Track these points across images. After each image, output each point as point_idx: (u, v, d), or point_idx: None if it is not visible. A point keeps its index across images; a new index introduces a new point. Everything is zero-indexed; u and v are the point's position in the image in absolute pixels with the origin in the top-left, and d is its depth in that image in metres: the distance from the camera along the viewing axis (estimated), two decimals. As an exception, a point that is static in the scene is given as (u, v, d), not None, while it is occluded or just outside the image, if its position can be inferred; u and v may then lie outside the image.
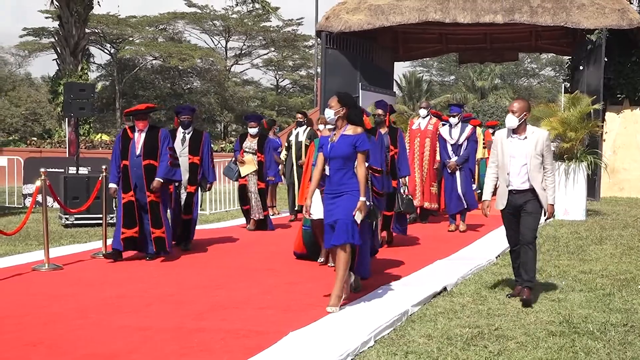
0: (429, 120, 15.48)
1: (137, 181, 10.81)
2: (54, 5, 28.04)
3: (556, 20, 23.36)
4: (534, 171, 8.27)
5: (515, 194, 8.35)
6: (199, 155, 12.20)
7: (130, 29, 58.15)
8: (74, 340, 6.65)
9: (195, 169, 12.19)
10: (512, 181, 8.35)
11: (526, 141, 8.33)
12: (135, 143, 10.86)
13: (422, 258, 11.11)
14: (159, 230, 10.88)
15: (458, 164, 14.32)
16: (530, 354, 6.32)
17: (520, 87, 68.77)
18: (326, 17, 24.71)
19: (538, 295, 8.60)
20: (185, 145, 12.17)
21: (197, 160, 12.18)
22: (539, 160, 8.29)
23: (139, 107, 11.15)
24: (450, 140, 14.46)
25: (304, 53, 63.02)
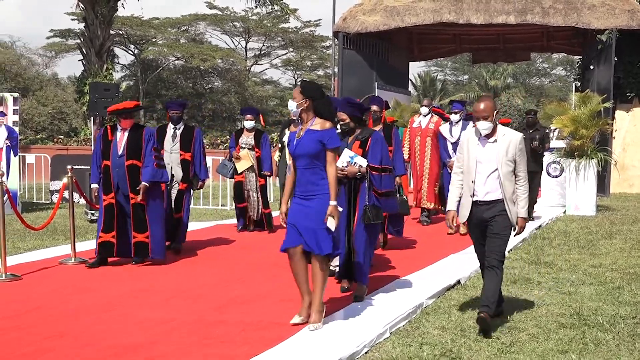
0: (430, 118, 14.48)
1: (119, 182, 9.94)
2: (79, 8, 28.12)
3: (567, 21, 23.28)
4: (505, 180, 6.88)
5: (481, 205, 6.94)
6: (191, 151, 11.36)
7: (153, 30, 58.28)
8: (99, 332, 6.69)
9: (187, 166, 11.35)
10: (477, 191, 6.95)
11: (496, 145, 6.93)
12: (117, 142, 10.00)
13: (437, 252, 11.09)
14: (141, 235, 10.00)
15: None
16: (542, 345, 6.31)
17: (532, 86, 68.58)
18: (343, 19, 24.71)
19: (542, 294, 8.57)
20: (177, 142, 11.38)
21: (189, 157, 11.35)
22: (511, 167, 6.90)
23: (127, 104, 10.35)
24: (451, 138, 13.50)
25: (321, 53, 62.99)
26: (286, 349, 6.09)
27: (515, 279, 9.16)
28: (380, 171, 7.97)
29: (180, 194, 11.37)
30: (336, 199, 6.70)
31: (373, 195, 7.90)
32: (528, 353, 6.10)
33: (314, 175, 6.76)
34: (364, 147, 7.93)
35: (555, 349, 6.20)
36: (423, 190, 14.48)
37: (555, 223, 15.16)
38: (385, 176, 8.04)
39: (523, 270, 9.72)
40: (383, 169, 8.01)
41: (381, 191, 7.98)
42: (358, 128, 8.04)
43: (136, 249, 10.02)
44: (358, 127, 8.05)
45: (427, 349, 6.17)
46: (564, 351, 6.15)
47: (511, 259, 10.68)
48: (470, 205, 7.01)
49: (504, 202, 6.91)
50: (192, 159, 11.39)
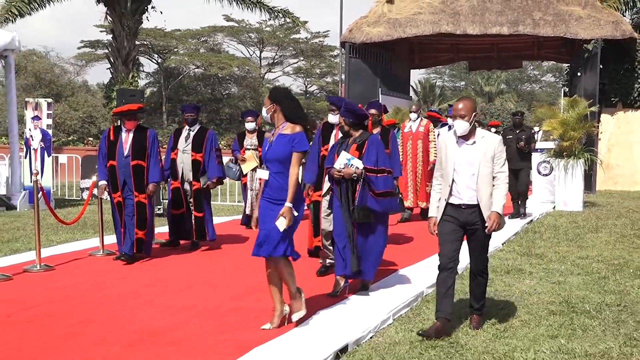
0: (420, 122, 14.49)
1: (126, 179, 9.73)
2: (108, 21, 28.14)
3: (556, 31, 23.22)
4: (482, 182, 6.26)
5: (465, 209, 6.32)
6: (202, 152, 10.88)
7: (175, 41, 58.33)
8: (125, 318, 6.70)
9: (198, 166, 10.89)
10: (461, 194, 6.32)
11: (475, 147, 6.32)
12: (122, 143, 9.76)
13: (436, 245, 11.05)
14: (142, 232, 9.79)
15: None
16: (533, 331, 6.29)
17: (524, 92, 68.49)
18: (349, 30, 24.70)
19: (534, 283, 8.56)
20: (189, 142, 10.95)
21: (200, 157, 10.87)
22: (489, 169, 6.28)
23: (131, 106, 9.99)
24: None
25: (329, 62, 62.94)
26: (297, 335, 6.10)
27: (508, 269, 9.14)
28: (375, 172, 7.59)
29: (198, 193, 10.92)
30: (292, 202, 6.18)
31: (369, 195, 7.54)
32: (520, 338, 6.09)
33: (286, 180, 6.28)
34: (360, 150, 7.64)
35: (546, 334, 6.19)
36: (417, 190, 14.38)
37: (545, 218, 15.13)
38: (381, 177, 7.60)
39: (516, 262, 9.69)
40: (379, 170, 7.61)
41: (378, 191, 7.56)
42: (356, 132, 7.75)
43: (137, 244, 9.76)
44: (356, 131, 7.76)
45: (428, 334, 6.15)
46: (554, 336, 6.13)
47: (505, 250, 10.67)
48: (444, 208, 6.39)
49: (480, 206, 6.26)
50: (204, 159, 10.97)
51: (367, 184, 7.55)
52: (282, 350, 5.64)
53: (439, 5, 24.14)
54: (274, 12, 30.55)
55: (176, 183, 10.92)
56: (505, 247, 10.99)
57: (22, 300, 7.48)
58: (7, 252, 10.52)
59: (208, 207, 11.08)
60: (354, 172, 7.48)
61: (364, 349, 5.82)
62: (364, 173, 7.52)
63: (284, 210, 6.17)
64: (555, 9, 23.51)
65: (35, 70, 52.80)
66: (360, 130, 7.75)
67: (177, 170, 10.91)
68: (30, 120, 17.05)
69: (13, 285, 8.19)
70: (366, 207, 7.50)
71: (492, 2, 23.95)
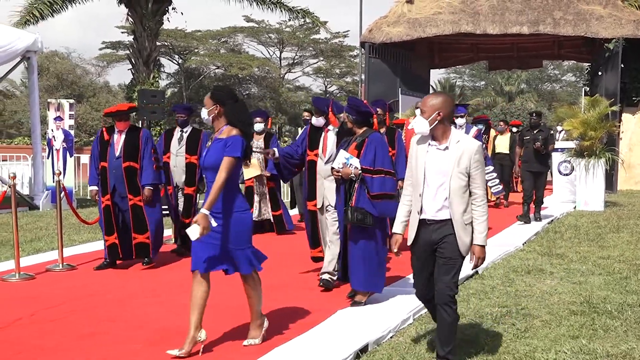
0: None
1: (116, 183, 9.21)
2: (129, 22, 28.25)
3: (577, 30, 23.10)
4: (455, 196, 5.18)
5: (429, 224, 5.28)
6: (197, 154, 10.25)
7: (195, 41, 58.51)
8: (147, 316, 6.73)
9: (193, 169, 10.35)
10: (425, 207, 5.28)
11: (447, 153, 5.22)
12: (114, 144, 9.26)
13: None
14: (142, 236, 9.28)
15: None
16: (554, 331, 6.26)
17: (544, 91, 68.11)
18: (369, 30, 24.69)
19: (555, 283, 8.51)
20: (182, 145, 10.47)
21: (195, 160, 10.30)
22: (463, 182, 5.17)
23: (121, 107, 9.45)
24: None
25: (349, 62, 62.87)
26: (318, 333, 6.10)
27: (529, 269, 9.09)
28: (372, 173, 7.06)
29: (189, 198, 10.40)
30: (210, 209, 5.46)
31: (365, 197, 7.03)
32: (541, 338, 6.06)
33: (226, 190, 5.59)
34: (360, 149, 7.18)
35: (567, 335, 6.15)
36: None
37: (566, 218, 15.05)
38: (378, 178, 7.06)
39: (536, 262, 9.65)
40: (376, 171, 7.07)
41: (373, 193, 7.01)
42: (360, 129, 7.31)
43: (137, 250, 9.32)
44: (360, 129, 7.31)
45: (448, 334, 6.13)
46: (575, 337, 6.10)
47: (525, 250, 10.63)
48: (417, 225, 5.36)
49: (452, 224, 5.23)
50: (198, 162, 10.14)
51: (364, 185, 7.11)
52: (303, 350, 5.65)
53: (459, 5, 24.09)
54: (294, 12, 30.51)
55: (170, 188, 10.58)
56: (525, 247, 10.95)
57: (45, 299, 7.54)
58: (30, 251, 10.60)
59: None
60: (352, 173, 7.05)
61: (384, 348, 5.82)
62: (361, 173, 7.08)
63: (198, 218, 5.44)
64: (575, 8, 23.39)
65: (57, 72, 53.19)
66: (364, 128, 7.32)
67: (171, 175, 10.55)
68: (52, 120, 17.17)
69: (36, 284, 8.25)
70: (361, 209, 6.99)
71: (512, 2, 23.87)
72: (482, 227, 5.23)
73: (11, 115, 52.31)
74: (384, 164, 7.15)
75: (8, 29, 15.97)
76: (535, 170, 14.16)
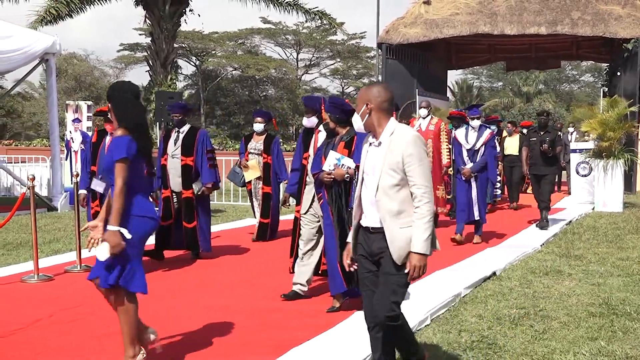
0: (430, 120, 12.99)
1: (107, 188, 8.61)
2: (146, 24, 28.39)
3: (595, 31, 22.99)
4: (384, 195, 4.52)
5: (372, 233, 4.64)
6: (193, 155, 9.75)
7: (212, 43, 58.70)
8: (165, 317, 6.75)
9: (189, 172, 9.75)
10: (366, 213, 4.67)
11: (380, 149, 4.61)
12: (105, 148, 8.72)
13: (473, 246, 11.03)
14: None
15: (473, 172, 11.47)
16: (573, 333, 6.23)
17: (562, 92, 67.84)
18: (386, 31, 24.68)
19: (573, 285, 8.47)
20: (178, 146, 9.82)
21: (191, 162, 9.74)
22: (395, 180, 4.49)
23: (104, 108, 8.86)
24: (466, 144, 11.66)
25: (366, 63, 62.88)
26: (335, 334, 6.11)
27: (547, 270, 9.06)
28: None
29: (188, 202, 9.82)
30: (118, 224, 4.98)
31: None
32: (560, 340, 6.03)
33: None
34: (349, 148, 6.80)
35: (586, 336, 6.12)
36: None
37: (584, 219, 14.97)
38: None
39: (554, 263, 9.60)
40: None
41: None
42: (343, 129, 6.93)
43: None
44: (343, 128, 6.93)
45: (465, 335, 6.13)
46: (594, 338, 6.06)
47: (543, 252, 10.59)
48: (356, 232, 4.79)
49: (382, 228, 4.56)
50: (195, 164, 9.81)
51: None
52: (320, 351, 5.65)
53: (476, 6, 24.03)
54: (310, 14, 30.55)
55: (167, 192, 9.93)
56: (543, 249, 10.90)
57: (63, 300, 7.59)
58: (49, 252, 10.65)
59: (204, 216, 10.00)
60: (346, 173, 6.69)
61: (402, 349, 5.81)
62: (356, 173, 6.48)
63: (106, 235, 5.02)
64: (594, 8, 23.27)
65: (75, 73, 53.55)
66: (347, 127, 6.89)
67: (168, 178, 9.92)
68: (70, 122, 17.27)
69: (55, 285, 8.29)
70: None
71: (530, 2, 23.79)
72: (421, 232, 4.47)
73: (30, 117, 52.71)
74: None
75: (27, 31, 16.07)
76: (540, 174, 13.32)
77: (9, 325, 6.53)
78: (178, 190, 9.86)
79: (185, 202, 9.82)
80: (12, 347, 5.82)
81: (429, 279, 8.43)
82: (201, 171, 9.80)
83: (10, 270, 9.20)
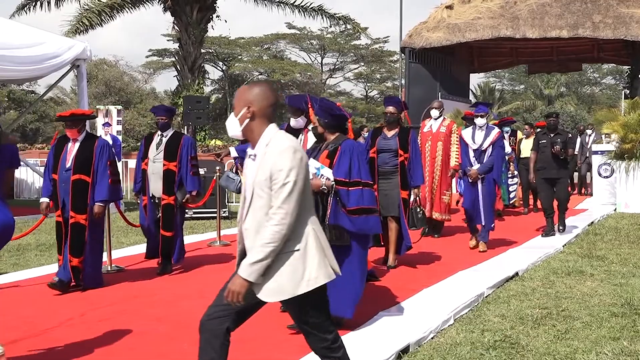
0: (442, 121, 12.12)
1: (64, 198, 8.06)
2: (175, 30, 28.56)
3: (616, 34, 22.80)
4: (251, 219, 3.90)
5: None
6: (176, 161, 9.13)
7: (239, 48, 58.94)
8: (192, 317, 6.76)
9: (171, 177, 9.11)
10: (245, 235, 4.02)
11: (255, 163, 3.93)
12: (67, 154, 8.13)
13: (496, 247, 10.97)
14: (76, 259, 8.02)
15: (480, 173, 10.67)
16: (595, 333, 6.19)
17: (584, 94, 67.34)
18: (409, 35, 24.64)
19: (595, 285, 8.41)
20: (161, 150, 9.21)
21: (174, 167, 9.11)
22: (263, 199, 3.81)
23: (76, 111, 8.48)
24: (473, 145, 10.90)
25: (389, 67, 62.79)
26: (359, 335, 6.09)
27: (569, 271, 8.99)
28: (348, 185, 6.14)
29: (169, 209, 9.15)
30: None
31: (341, 212, 6.13)
32: (582, 339, 5.99)
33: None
34: (332, 158, 6.23)
35: (608, 336, 6.08)
36: (432, 198, 11.97)
37: (606, 220, 14.86)
38: (355, 191, 6.13)
39: (577, 263, 9.53)
40: (353, 183, 6.16)
41: (350, 208, 6.10)
42: (332, 135, 6.37)
43: (73, 273, 8.05)
44: (332, 134, 6.37)
45: (488, 335, 6.10)
46: (616, 338, 6.02)
47: (565, 252, 10.52)
48: (240, 257, 4.10)
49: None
50: (179, 170, 9.19)
51: (339, 199, 6.16)
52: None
53: (498, 10, 23.93)
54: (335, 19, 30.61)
55: (146, 199, 9.31)
56: (565, 249, 10.83)
57: (94, 299, 7.64)
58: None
59: (180, 226, 9.40)
60: (324, 184, 6.08)
61: (425, 349, 5.80)
62: (334, 185, 6.12)
63: None
64: (615, 12, 23.08)
65: (105, 79, 53.91)
66: (336, 134, 6.37)
67: (147, 185, 9.29)
68: (101, 126, 17.40)
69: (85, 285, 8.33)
70: (337, 227, 6.11)
71: (551, 6, 23.64)
72: (252, 255, 3.77)
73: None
74: (360, 175, 6.24)
75: (59, 39, 16.21)
76: (553, 177, 12.22)
77: (43, 324, 6.60)
78: (158, 196, 9.20)
79: (165, 209, 9.14)
80: (44, 346, 5.88)
81: (453, 279, 8.42)
82: (185, 179, 9.19)
83: (44, 270, 9.29)
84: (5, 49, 13.83)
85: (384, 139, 9.30)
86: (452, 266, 9.30)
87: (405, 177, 9.07)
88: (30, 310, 7.21)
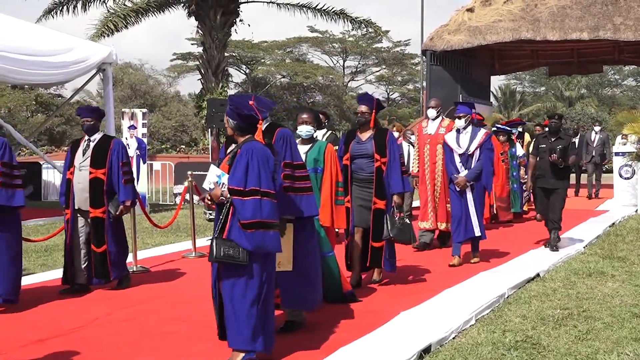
0: (441, 122, 10.94)
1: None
2: (198, 34, 28.63)
3: (637, 35, 22.60)
4: None
5: None
6: (105, 167, 7.99)
7: (262, 52, 58.99)
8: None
9: (99, 186, 7.97)
10: None
11: None
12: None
13: (517, 248, 10.90)
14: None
15: (468, 180, 9.54)
16: (616, 333, 6.14)
17: (605, 96, 66.79)
18: (430, 38, 24.58)
19: (616, 286, 8.34)
20: (87, 156, 8.07)
21: (102, 175, 7.96)
22: None
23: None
24: (458, 149, 9.72)
25: (411, 69, 62.62)
26: (381, 335, 6.08)
27: (590, 272, 8.92)
28: (243, 194, 5.16)
29: (97, 222, 8.00)
30: None
31: (237, 226, 5.20)
32: (603, 340, 5.94)
33: None
34: (231, 163, 5.39)
35: (629, 337, 6.02)
36: (435, 207, 10.98)
37: (627, 221, 14.73)
38: (251, 201, 5.13)
39: (598, 264, 9.45)
40: (250, 192, 5.16)
41: (245, 221, 5.14)
42: (241, 137, 5.53)
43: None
44: (242, 136, 5.53)
45: (510, 335, 6.07)
46: (638, 339, 5.96)
47: (586, 253, 10.44)
48: None
49: None
50: (109, 178, 8.06)
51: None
52: (367, 350, 5.63)
53: (519, 13, 23.81)
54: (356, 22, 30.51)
55: (69, 213, 8.13)
56: (587, 250, 10.75)
57: (120, 299, 7.68)
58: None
59: (118, 239, 8.22)
60: (221, 194, 5.31)
61: (447, 349, 5.77)
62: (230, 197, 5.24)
63: None
64: (636, 14, 22.90)
65: (131, 82, 54.18)
66: (247, 136, 5.53)
67: (72, 196, 8.10)
68: (126, 129, 17.47)
69: (111, 285, 8.37)
70: (230, 242, 5.18)
71: (572, 9, 23.49)
72: None
73: (88, 125, 53.33)
74: (260, 183, 5.21)
75: (86, 43, 16.30)
76: (549, 187, 10.80)
77: (70, 323, 6.65)
78: (85, 209, 8.06)
79: (93, 222, 8.03)
80: (71, 345, 5.91)
81: (474, 280, 8.38)
82: (118, 187, 8.09)
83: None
84: (35, 55, 13.91)
85: (358, 143, 8.28)
86: (473, 267, 9.26)
87: (382, 184, 8.05)
88: (56, 310, 7.27)
